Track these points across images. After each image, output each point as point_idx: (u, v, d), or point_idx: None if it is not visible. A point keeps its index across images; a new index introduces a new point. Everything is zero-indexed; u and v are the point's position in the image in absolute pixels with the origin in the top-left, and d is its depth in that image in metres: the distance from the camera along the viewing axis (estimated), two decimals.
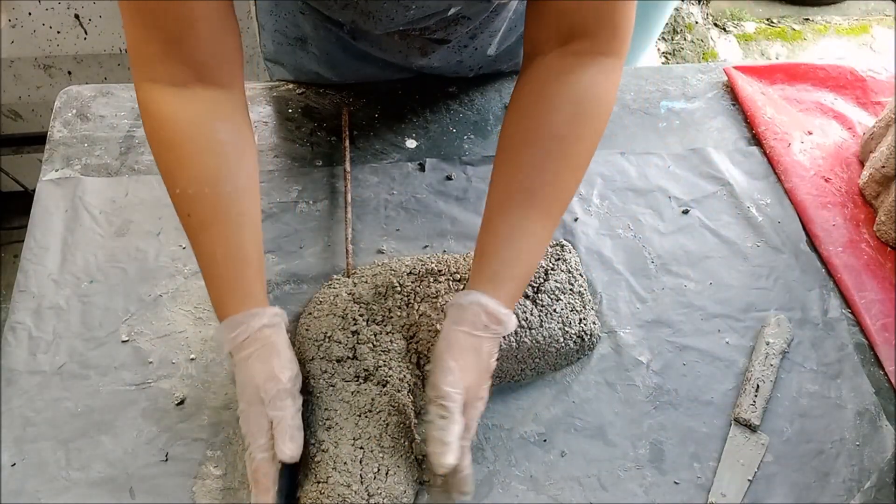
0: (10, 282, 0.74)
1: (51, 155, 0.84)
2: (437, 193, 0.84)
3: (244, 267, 0.60)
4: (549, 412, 0.69)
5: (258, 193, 0.64)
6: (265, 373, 0.58)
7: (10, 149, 1.59)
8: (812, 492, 0.66)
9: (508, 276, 0.61)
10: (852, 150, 0.93)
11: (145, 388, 0.68)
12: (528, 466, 0.66)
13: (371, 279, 0.72)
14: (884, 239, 0.84)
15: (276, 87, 0.93)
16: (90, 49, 1.37)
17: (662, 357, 0.73)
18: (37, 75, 1.43)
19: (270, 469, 0.57)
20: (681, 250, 0.82)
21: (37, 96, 1.48)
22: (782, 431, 0.69)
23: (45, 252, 0.75)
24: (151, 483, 0.63)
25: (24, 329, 0.70)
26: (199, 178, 0.59)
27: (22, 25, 1.31)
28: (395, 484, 0.60)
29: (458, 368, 0.59)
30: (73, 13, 1.30)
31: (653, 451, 0.67)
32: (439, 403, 0.58)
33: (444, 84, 0.94)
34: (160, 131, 0.59)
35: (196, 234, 0.60)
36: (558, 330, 0.71)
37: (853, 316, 0.78)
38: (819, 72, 1.01)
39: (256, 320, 0.59)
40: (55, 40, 1.35)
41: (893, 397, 0.72)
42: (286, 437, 0.57)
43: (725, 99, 0.98)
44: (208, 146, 0.59)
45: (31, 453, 0.63)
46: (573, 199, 0.85)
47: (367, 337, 0.68)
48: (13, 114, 1.52)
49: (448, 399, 0.58)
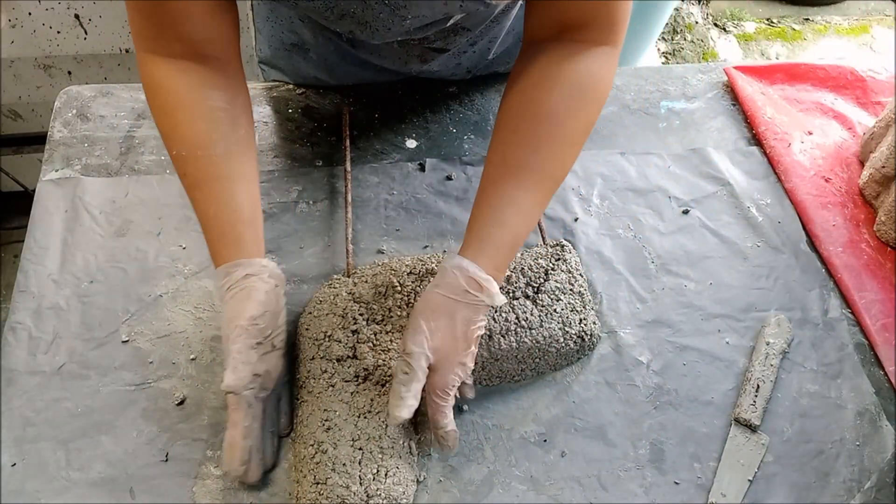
0: (10, 282, 0.74)
1: (51, 155, 0.84)
2: (438, 193, 0.84)
3: (235, 221, 0.64)
4: (549, 412, 0.69)
5: (253, 155, 0.67)
6: (232, 313, 0.62)
7: (10, 149, 1.58)
8: (812, 492, 0.66)
9: (493, 244, 0.62)
10: (852, 150, 0.93)
11: (145, 388, 0.68)
12: (528, 466, 0.66)
13: (371, 279, 0.72)
14: (884, 239, 0.84)
15: (276, 87, 0.93)
16: (90, 49, 1.37)
17: (662, 357, 0.73)
18: (37, 75, 1.43)
19: (240, 404, 0.60)
20: (681, 250, 0.82)
21: (37, 96, 1.48)
22: (782, 431, 0.69)
23: (45, 252, 0.75)
24: (151, 483, 0.63)
25: (24, 329, 0.70)
26: (192, 142, 0.62)
27: (22, 25, 1.31)
28: (393, 485, 0.60)
29: (427, 329, 0.60)
30: (73, 13, 1.30)
31: (653, 451, 0.67)
32: (404, 360, 0.60)
33: (443, 84, 0.94)
34: (157, 98, 0.63)
35: (192, 193, 0.64)
36: (558, 330, 0.71)
37: (853, 316, 0.78)
38: (819, 72, 1.01)
39: (241, 270, 0.63)
40: (55, 40, 1.35)
41: (893, 397, 0.72)
42: (229, 368, 0.60)
43: (725, 99, 0.98)
44: (200, 112, 0.63)
45: (31, 453, 0.63)
46: (574, 199, 0.85)
47: (366, 336, 0.68)
48: (13, 114, 1.52)
49: (411, 357, 0.60)
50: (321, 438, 0.62)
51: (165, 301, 0.73)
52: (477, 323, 0.62)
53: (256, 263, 0.64)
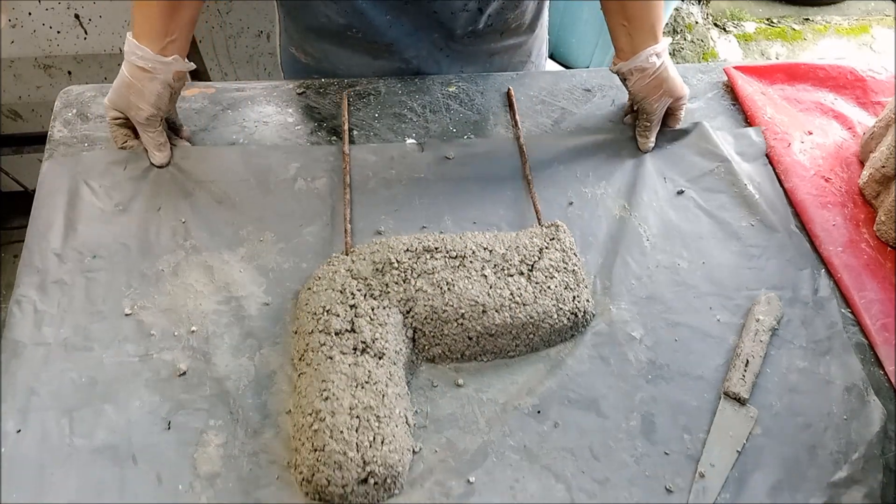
0: (10, 281, 0.75)
1: (51, 155, 0.85)
2: (436, 174, 0.86)
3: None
4: (543, 385, 0.71)
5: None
6: (127, 101, 0.80)
7: (10, 149, 1.59)
8: (800, 464, 0.67)
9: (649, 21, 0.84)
10: (852, 150, 0.93)
11: (147, 359, 0.69)
12: (521, 437, 0.67)
13: (369, 256, 0.74)
14: (884, 239, 0.83)
15: (277, 87, 0.94)
16: (90, 49, 1.37)
17: (655, 333, 0.75)
18: (37, 75, 1.44)
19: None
20: (675, 230, 0.83)
21: (37, 96, 1.48)
22: (771, 406, 0.71)
23: (49, 229, 0.77)
24: (153, 450, 0.64)
25: (30, 303, 0.71)
26: None
27: (22, 25, 1.31)
28: (390, 452, 0.62)
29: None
30: (73, 13, 1.30)
31: (644, 422, 0.69)
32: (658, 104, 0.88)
33: (444, 84, 0.96)
34: None
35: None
36: (552, 306, 0.72)
37: (853, 316, 0.78)
38: (819, 72, 1.01)
39: (145, 61, 0.78)
40: (55, 40, 1.35)
41: (882, 374, 0.73)
42: (150, 150, 0.83)
43: (725, 99, 0.99)
44: None
45: (36, 421, 0.65)
46: (571, 181, 0.86)
47: (364, 311, 0.69)
48: (13, 114, 1.53)
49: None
50: (319, 407, 0.63)
51: (167, 275, 0.75)
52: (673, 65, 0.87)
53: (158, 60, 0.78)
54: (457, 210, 0.83)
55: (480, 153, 0.88)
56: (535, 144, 0.90)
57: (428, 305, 0.70)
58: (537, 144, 0.90)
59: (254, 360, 0.70)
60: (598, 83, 0.98)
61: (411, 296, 0.71)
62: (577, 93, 0.97)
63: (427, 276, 0.72)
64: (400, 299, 0.71)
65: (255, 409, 0.67)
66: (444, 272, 0.72)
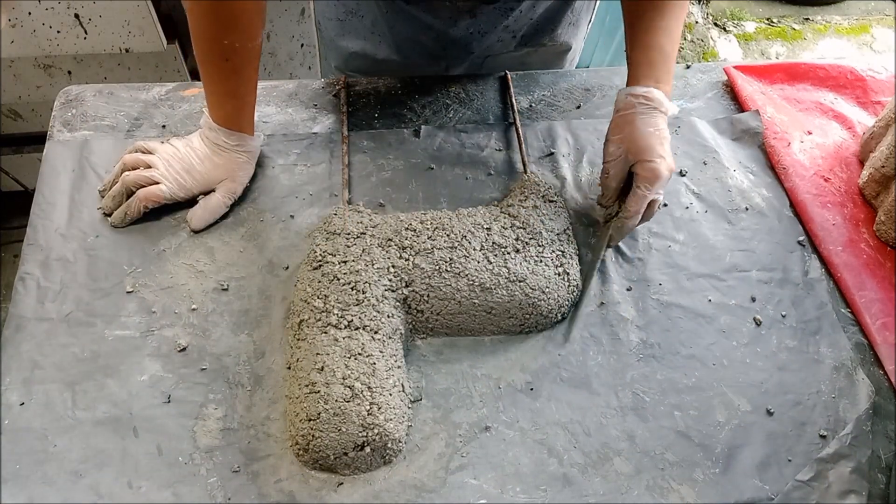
0: (10, 281, 0.77)
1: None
2: (432, 158, 0.87)
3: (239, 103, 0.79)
4: (536, 363, 0.72)
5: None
6: (213, 175, 0.79)
7: (10, 149, 1.59)
8: (789, 439, 0.69)
9: (647, 64, 0.78)
10: (852, 150, 0.93)
11: (149, 335, 0.71)
12: (515, 412, 0.69)
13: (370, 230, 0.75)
14: (884, 238, 0.84)
15: (277, 88, 0.94)
16: (90, 49, 1.36)
17: (647, 314, 0.76)
18: (37, 75, 1.43)
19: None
20: (667, 212, 0.84)
21: (37, 96, 1.48)
22: (761, 384, 0.72)
23: (53, 208, 0.78)
24: (154, 423, 0.66)
25: (33, 279, 0.73)
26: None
27: (22, 25, 1.30)
28: (384, 421, 0.63)
29: (617, 141, 0.76)
30: (73, 13, 1.29)
31: (635, 399, 0.70)
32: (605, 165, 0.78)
33: (444, 84, 0.96)
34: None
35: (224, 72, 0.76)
36: (551, 275, 0.74)
37: (853, 315, 0.78)
38: (819, 71, 1.01)
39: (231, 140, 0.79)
40: (55, 40, 1.34)
41: (874, 358, 0.74)
42: (200, 214, 0.79)
43: (725, 99, 0.98)
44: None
45: (39, 394, 0.66)
46: (564, 165, 0.88)
47: (362, 287, 0.71)
48: (13, 114, 1.52)
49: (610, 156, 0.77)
50: (314, 379, 0.64)
51: (168, 255, 0.76)
52: (659, 126, 0.74)
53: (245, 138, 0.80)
54: (453, 193, 0.84)
55: (475, 140, 0.89)
56: (531, 129, 0.91)
57: (425, 283, 0.71)
58: (534, 129, 0.91)
59: (252, 336, 0.71)
60: (598, 83, 0.98)
61: (409, 273, 0.72)
62: (577, 93, 0.97)
63: (425, 255, 0.73)
64: (398, 276, 0.72)
65: (253, 383, 0.68)
66: (442, 251, 0.73)
